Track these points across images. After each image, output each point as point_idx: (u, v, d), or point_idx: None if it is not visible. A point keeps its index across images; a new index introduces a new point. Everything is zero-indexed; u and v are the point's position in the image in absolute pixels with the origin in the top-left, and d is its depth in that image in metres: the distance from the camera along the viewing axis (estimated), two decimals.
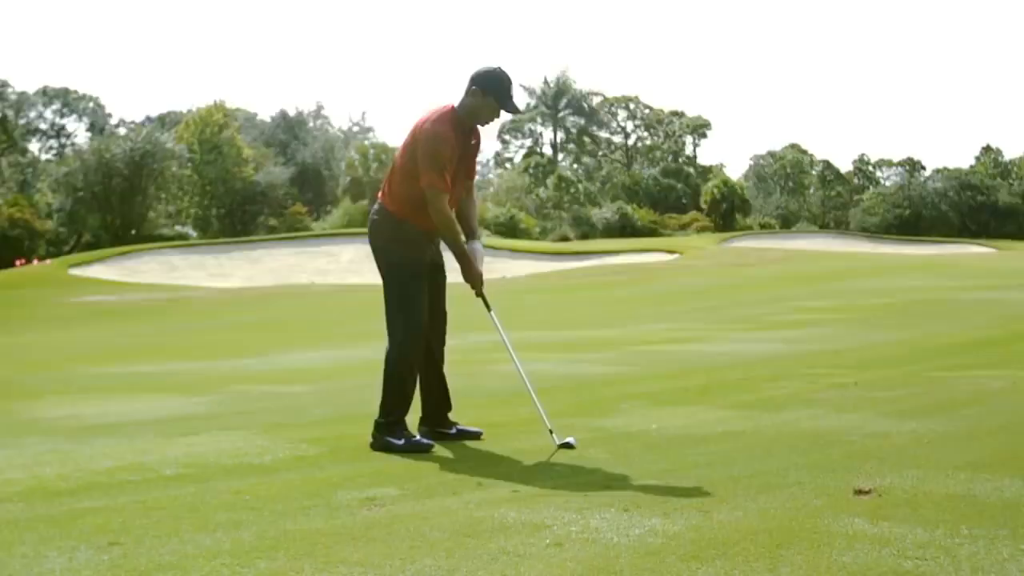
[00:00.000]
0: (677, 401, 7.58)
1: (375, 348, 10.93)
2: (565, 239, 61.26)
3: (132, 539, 3.81)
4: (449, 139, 5.70)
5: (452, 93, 5.91)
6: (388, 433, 5.75)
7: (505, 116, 6.01)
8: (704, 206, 76.12)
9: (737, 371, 9.55)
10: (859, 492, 4.30)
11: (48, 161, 71.03)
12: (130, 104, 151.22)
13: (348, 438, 6.09)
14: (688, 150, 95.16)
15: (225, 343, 16.95)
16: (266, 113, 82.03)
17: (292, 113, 78.01)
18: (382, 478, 4.92)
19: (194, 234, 61.15)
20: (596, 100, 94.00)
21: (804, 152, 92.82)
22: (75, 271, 38.55)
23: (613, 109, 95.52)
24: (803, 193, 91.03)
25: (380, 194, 6.02)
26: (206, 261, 42.08)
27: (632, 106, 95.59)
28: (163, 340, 18.26)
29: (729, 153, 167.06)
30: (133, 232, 54.60)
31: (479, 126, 5.95)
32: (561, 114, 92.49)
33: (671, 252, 45.17)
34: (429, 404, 6.14)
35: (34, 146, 76.14)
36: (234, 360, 13.26)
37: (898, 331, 13.39)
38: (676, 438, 5.94)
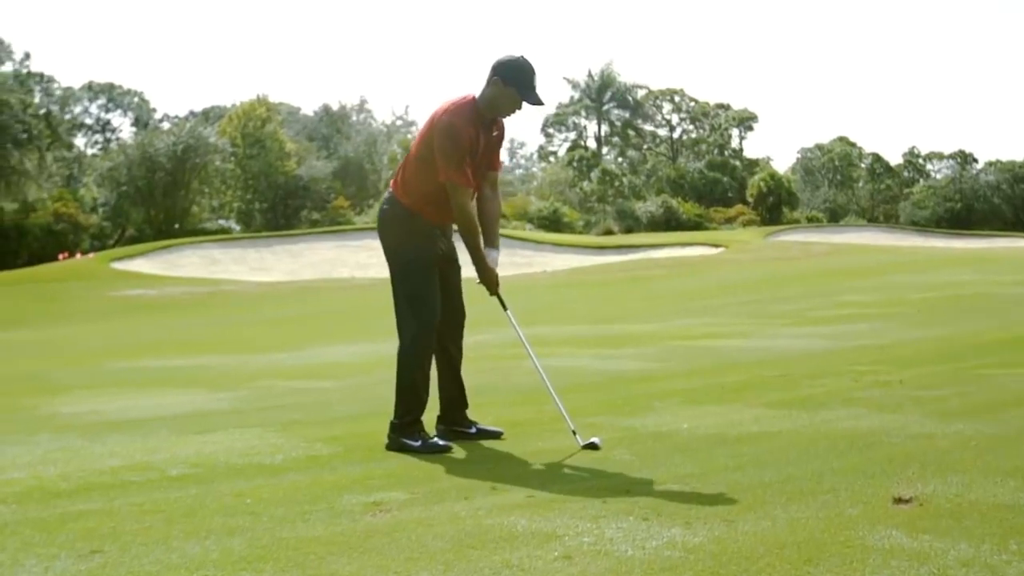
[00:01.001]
0: (712, 399, 7.29)
1: None
2: (609, 233, 60.82)
3: (117, 546, 3.60)
4: (466, 132, 5.44)
5: None
6: (403, 434, 5.52)
7: (528, 107, 5.67)
8: (750, 199, 75.29)
9: (776, 368, 9.24)
10: (898, 500, 4.00)
11: (94, 156, 71.74)
12: (174, 99, 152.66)
13: (366, 436, 5.86)
14: (734, 143, 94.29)
15: (261, 337, 16.86)
16: (310, 107, 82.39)
17: (335, 107, 78.26)
18: (393, 481, 4.69)
19: (237, 228, 61.39)
20: (641, 93, 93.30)
21: (853, 145, 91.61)
22: (117, 265, 38.69)
23: (658, 102, 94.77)
24: (851, 186, 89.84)
25: (392, 183, 5.78)
26: (247, 255, 42.12)
27: (677, 99, 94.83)
28: (199, 334, 18.21)
29: (776, 146, 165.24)
30: (176, 226, 54.88)
31: (501, 118, 5.69)
32: (605, 107, 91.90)
33: (715, 246, 44.62)
34: (446, 402, 5.91)
35: (80, 141, 77.09)
36: (267, 355, 13.15)
37: (945, 326, 12.97)
38: (707, 439, 5.65)
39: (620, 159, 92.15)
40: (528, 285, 30.79)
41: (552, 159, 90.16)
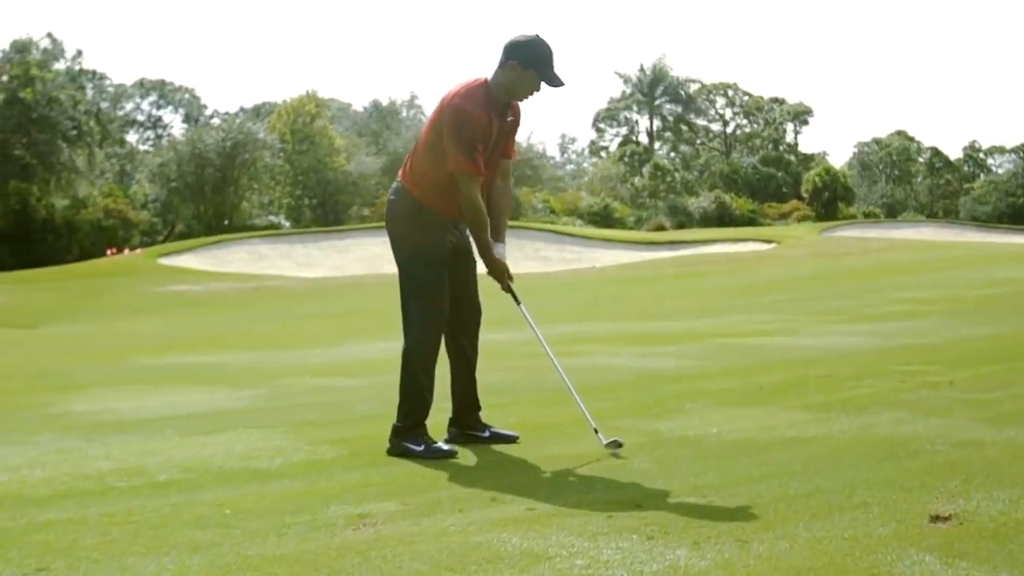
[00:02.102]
0: (748, 401, 6.90)
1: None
2: (661, 228, 60.15)
3: (67, 563, 3.30)
4: (478, 118, 5.09)
5: (547, 88, 5.27)
6: (406, 438, 5.21)
7: (547, 89, 5.31)
8: (805, 195, 74.22)
9: (822, 367, 8.81)
10: (936, 518, 3.59)
11: (145, 152, 72.28)
12: (225, 95, 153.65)
13: (377, 439, 5.52)
14: (789, 137, 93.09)
15: (298, 333, 16.66)
16: (361, 103, 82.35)
17: (385, 103, 78.25)
18: (390, 489, 4.36)
19: (287, 224, 61.53)
20: (693, 87, 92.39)
21: (911, 139, 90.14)
22: (164, 260, 38.76)
23: (711, 96, 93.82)
24: (910, 181, 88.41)
25: (401, 173, 5.45)
26: (294, 250, 42.11)
27: (731, 93, 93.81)
28: (236, 330, 18.06)
29: (832, 140, 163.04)
30: (226, 222, 54.95)
31: (517, 102, 5.35)
32: (657, 102, 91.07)
33: (768, 242, 43.89)
34: (458, 404, 5.59)
35: (132, 137, 77.77)
36: (300, 351, 12.91)
37: (1003, 325, 12.41)
38: (735, 445, 5.27)
39: (672, 154, 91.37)
40: (575, 281, 30.45)
41: (603, 154, 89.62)
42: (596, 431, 5.14)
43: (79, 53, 60.03)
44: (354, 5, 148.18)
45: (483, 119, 5.12)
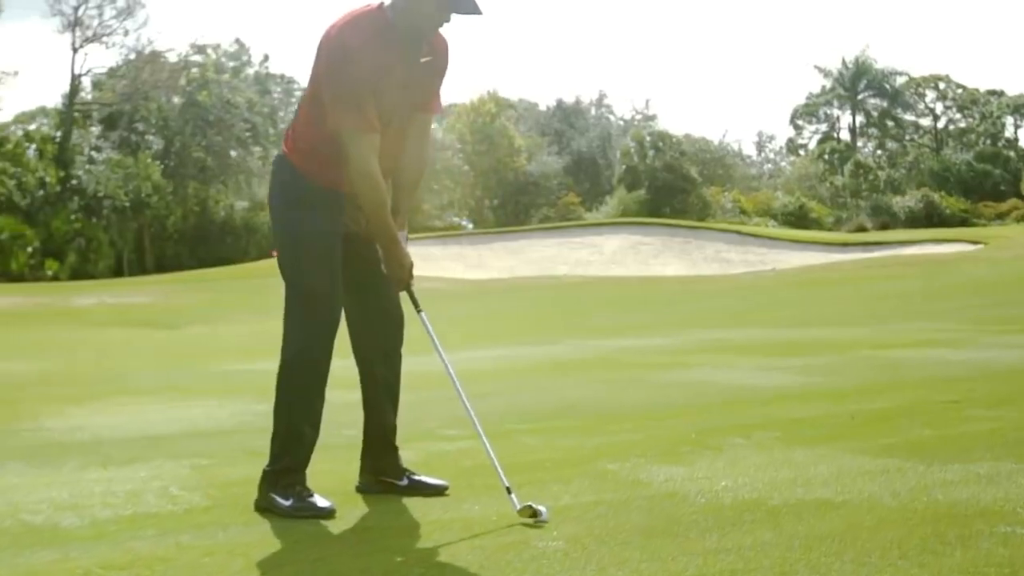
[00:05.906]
0: (818, 437, 5.41)
1: (576, 346, 9.56)
2: (862, 229, 56.86)
3: None
4: (364, 54, 3.77)
5: (745, 84, 3.99)
6: (274, 488, 3.89)
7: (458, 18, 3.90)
8: None
9: (957, 389, 7.21)
10: None
11: None
12: None
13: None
14: (1008, 132, 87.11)
15: (413, 338, 15.63)
16: (551, 102, 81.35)
17: (572, 102, 77.19)
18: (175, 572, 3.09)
19: (470, 225, 61.22)
20: (900, 80, 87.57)
21: None
22: None
23: (920, 90, 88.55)
24: None
25: (284, 137, 4.14)
26: (465, 252, 41.44)
27: (942, 86, 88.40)
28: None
29: None
30: None
31: (428, 36, 3.96)
32: (860, 96, 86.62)
33: (974, 242, 40.51)
34: (370, 444, 4.32)
35: None
36: None
37: None
38: (725, 510, 3.78)
39: (878, 152, 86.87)
40: (749, 284, 28.56)
41: (801, 152, 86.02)
42: (508, 490, 3.75)
43: (266, 58, 61.43)
44: (544, 4, 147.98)
45: (373, 56, 3.78)
